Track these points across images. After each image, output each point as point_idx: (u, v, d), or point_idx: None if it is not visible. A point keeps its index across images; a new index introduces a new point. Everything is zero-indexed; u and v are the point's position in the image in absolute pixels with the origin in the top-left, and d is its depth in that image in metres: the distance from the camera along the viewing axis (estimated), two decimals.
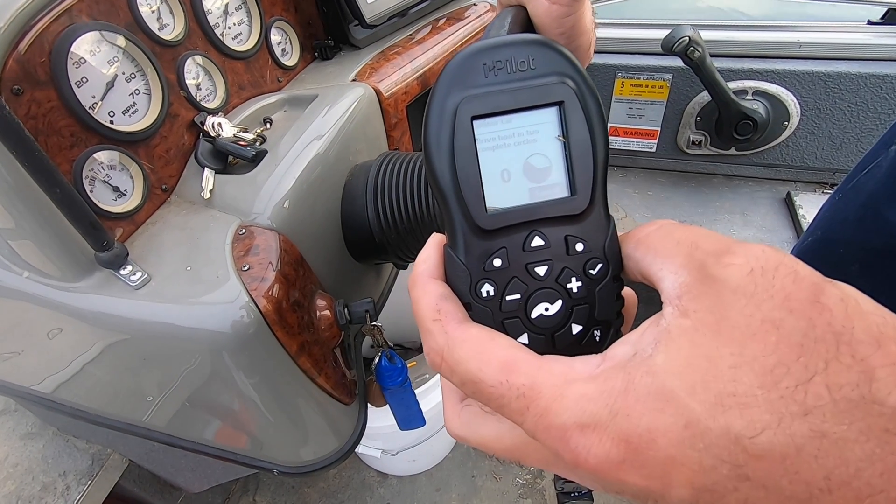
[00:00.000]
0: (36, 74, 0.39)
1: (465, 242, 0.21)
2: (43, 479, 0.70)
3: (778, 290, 0.16)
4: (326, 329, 0.46)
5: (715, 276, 0.16)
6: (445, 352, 0.19)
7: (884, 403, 0.14)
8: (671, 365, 0.16)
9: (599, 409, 0.16)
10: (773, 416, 0.14)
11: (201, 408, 0.48)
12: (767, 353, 0.15)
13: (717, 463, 0.15)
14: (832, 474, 0.14)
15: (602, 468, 0.16)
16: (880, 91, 0.86)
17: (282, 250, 0.43)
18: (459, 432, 0.22)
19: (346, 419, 0.52)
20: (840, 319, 0.15)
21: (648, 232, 0.20)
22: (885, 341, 0.14)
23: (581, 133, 0.21)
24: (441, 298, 0.21)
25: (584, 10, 0.36)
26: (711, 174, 1.07)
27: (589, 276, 0.21)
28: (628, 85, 0.97)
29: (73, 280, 0.41)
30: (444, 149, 0.20)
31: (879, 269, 0.41)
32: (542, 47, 0.21)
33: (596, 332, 0.21)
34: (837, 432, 0.14)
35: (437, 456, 1.29)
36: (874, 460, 0.13)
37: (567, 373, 0.17)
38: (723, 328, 0.16)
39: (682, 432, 0.15)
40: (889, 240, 0.40)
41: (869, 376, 0.14)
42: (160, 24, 0.49)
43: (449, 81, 0.21)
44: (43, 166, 0.34)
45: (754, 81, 0.90)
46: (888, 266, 0.40)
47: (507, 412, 0.18)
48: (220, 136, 0.50)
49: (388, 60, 0.65)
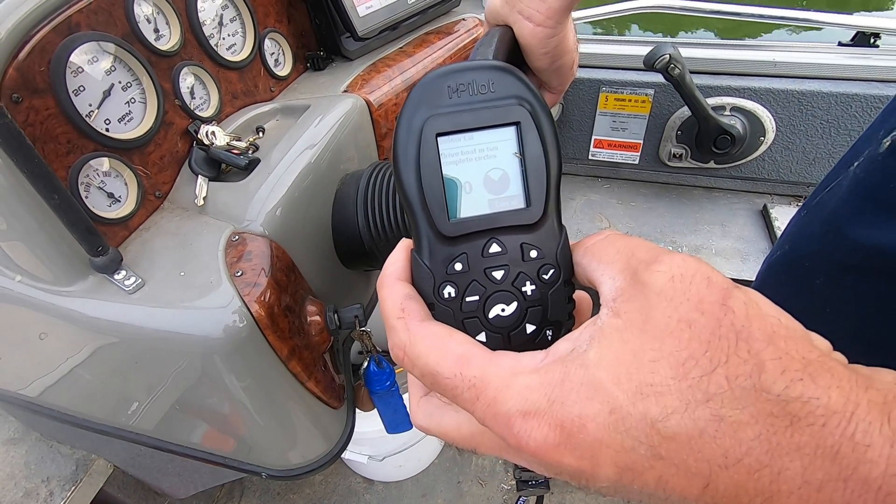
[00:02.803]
0: (35, 83, 0.39)
1: (430, 248, 0.23)
2: (25, 484, 0.69)
3: (693, 293, 0.18)
4: (317, 334, 0.47)
5: (644, 281, 0.19)
6: (408, 347, 0.21)
7: (769, 391, 0.16)
8: (602, 359, 0.18)
9: (539, 398, 0.18)
10: (682, 402, 0.16)
11: (191, 411, 0.49)
12: (681, 348, 0.17)
13: (636, 444, 0.17)
14: (728, 453, 0.16)
15: (541, 451, 0.18)
16: (850, 109, 0.90)
17: (274, 256, 0.44)
18: (422, 423, 0.24)
19: (334, 423, 0.53)
20: (741, 319, 0.17)
21: (595, 241, 0.22)
22: (775, 338, 0.17)
23: (536, 150, 0.23)
24: (406, 298, 0.22)
25: (568, 32, 0.39)
26: (692, 186, 1.10)
27: (542, 281, 0.23)
28: (612, 99, 1.00)
29: (66, 284, 0.42)
30: (411, 162, 0.22)
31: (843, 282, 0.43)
32: (501, 72, 0.23)
33: (548, 331, 0.23)
34: (733, 416, 0.16)
35: (424, 461, 1.30)
36: (762, 440, 0.16)
37: (514, 366, 0.19)
38: (647, 327, 0.18)
39: (608, 417, 0.17)
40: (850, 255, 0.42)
41: (760, 368, 0.16)
42: (157, 35, 0.50)
43: (416, 101, 0.23)
44: (42, 173, 0.35)
45: (732, 98, 0.94)
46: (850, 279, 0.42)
47: (461, 402, 0.20)
48: (214, 144, 0.51)
49: (378, 72, 0.67)
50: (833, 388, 0.16)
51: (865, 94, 0.88)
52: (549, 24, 0.36)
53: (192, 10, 0.53)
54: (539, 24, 0.36)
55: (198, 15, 0.54)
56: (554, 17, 0.35)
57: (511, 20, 0.37)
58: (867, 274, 0.41)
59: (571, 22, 0.39)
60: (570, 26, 0.39)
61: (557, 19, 0.36)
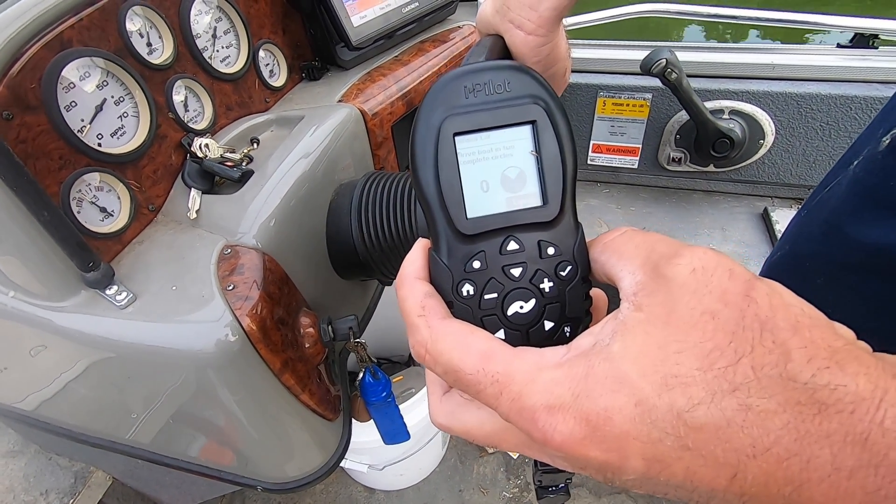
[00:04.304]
0: (26, 99, 0.40)
1: (448, 246, 0.23)
2: (24, 497, 0.69)
3: (716, 285, 0.18)
4: (311, 346, 0.47)
5: (665, 275, 0.19)
6: (429, 344, 0.21)
7: (797, 380, 0.16)
8: (626, 352, 0.18)
9: (564, 392, 0.18)
10: (708, 392, 0.16)
11: (185, 424, 0.49)
12: (706, 339, 0.17)
13: (662, 435, 0.17)
14: (756, 442, 0.16)
15: (567, 445, 0.18)
16: (849, 111, 0.89)
17: (266, 269, 0.44)
18: (443, 421, 0.24)
19: (330, 434, 0.52)
20: (765, 310, 0.17)
21: (613, 237, 0.22)
22: (800, 328, 0.17)
23: (552, 149, 0.23)
24: (426, 296, 0.22)
25: (559, 40, 0.38)
26: (691, 190, 1.10)
27: (560, 278, 0.23)
28: (610, 104, 1.00)
29: (59, 299, 0.42)
30: (429, 162, 0.23)
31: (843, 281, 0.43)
32: (517, 72, 0.23)
33: (566, 328, 0.23)
34: (760, 405, 0.16)
35: (425, 470, 1.29)
36: (790, 428, 0.16)
37: (537, 361, 0.19)
38: (671, 319, 0.18)
39: (634, 410, 0.17)
40: (851, 254, 0.42)
41: (786, 357, 0.16)
42: (149, 49, 0.50)
43: (433, 102, 0.23)
44: (31, 189, 0.35)
45: (731, 101, 0.93)
46: (851, 279, 0.42)
47: (484, 398, 0.20)
48: (207, 156, 0.51)
49: (374, 81, 0.67)
50: (861, 375, 0.16)
51: (865, 96, 0.88)
52: (541, 33, 0.36)
53: (185, 24, 0.53)
54: (530, 33, 0.36)
55: (191, 28, 0.54)
56: (545, 25, 0.35)
57: (502, 29, 0.37)
58: (868, 273, 0.40)
59: (563, 30, 0.39)
60: (562, 34, 0.39)
61: (549, 27, 0.36)
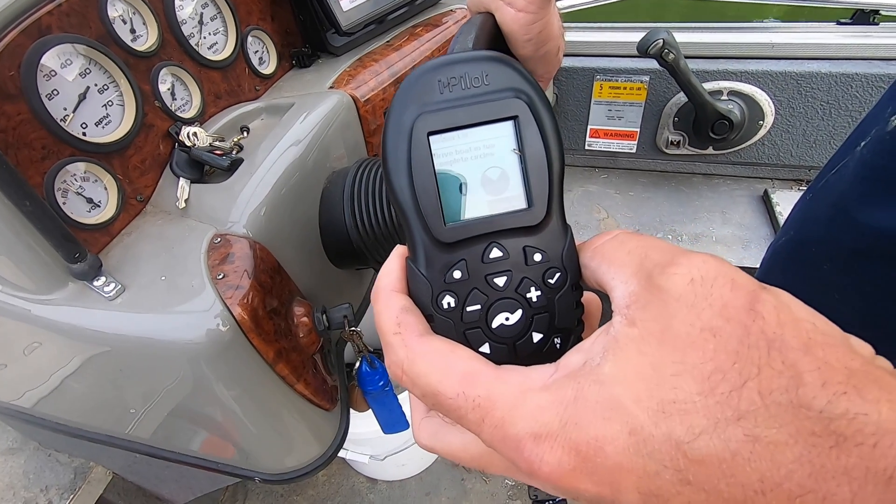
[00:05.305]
0: (5, 88, 0.38)
1: (426, 255, 0.21)
2: (24, 494, 0.69)
3: (716, 298, 0.16)
4: (305, 335, 0.46)
5: (660, 286, 0.17)
6: (406, 365, 0.20)
7: (810, 407, 0.14)
8: (618, 374, 0.16)
9: (551, 419, 0.17)
10: (710, 420, 0.15)
11: (181, 417, 0.48)
12: (706, 360, 0.15)
13: (660, 468, 0.15)
14: (765, 477, 0.14)
15: (555, 476, 0.16)
16: (850, 89, 0.88)
17: (257, 258, 0.43)
18: (427, 443, 0.23)
19: (327, 425, 0.52)
20: (772, 326, 0.15)
21: (604, 241, 0.20)
22: (812, 346, 0.15)
23: (536, 146, 0.21)
24: (402, 311, 0.21)
25: (552, 17, 0.37)
26: (691, 173, 1.09)
27: (548, 286, 0.21)
28: (607, 87, 0.99)
29: (46, 292, 0.41)
30: (402, 165, 0.21)
31: (850, 267, 0.42)
32: (496, 63, 0.21)
33: (556, 339, 0.21)
34: (769, 436, 0.14)
35: (427, 460, 1.29)
36: (803, 462, 0.14)
37: (522, 383, 0.18)
38: (666, 337, 0.16)
39: (628, 439, 0.16)
40: (859, 239, 0.40)
41: (797, 381, 0.14)
42: (133, 36, 0.49)
43: (405, 98, 0.21)
44: (11, 179, 0.34)
45: (729, 82, 0.92)
46: (859, 264, 0.41)
47: (466, 423, 0.18)
48: (196, 145, 0.50)
49: (365, 67, 0.66)
50: (883, 401, 0.14)
51: (866, 74, 0.86)
52: (532, 10, 0.35)
53: (169, 10, 0.52)
54: (521, 10, 0.35)
55: (175, 14, 0.52)
56: (536, 1, 0.34)
57: (493, 7, 0.36)
58: (877, 258, 0.39)
59: (555, 7, 0.38)
60: (555, 11, 0.38)
61: (540, 3, 0.34)
